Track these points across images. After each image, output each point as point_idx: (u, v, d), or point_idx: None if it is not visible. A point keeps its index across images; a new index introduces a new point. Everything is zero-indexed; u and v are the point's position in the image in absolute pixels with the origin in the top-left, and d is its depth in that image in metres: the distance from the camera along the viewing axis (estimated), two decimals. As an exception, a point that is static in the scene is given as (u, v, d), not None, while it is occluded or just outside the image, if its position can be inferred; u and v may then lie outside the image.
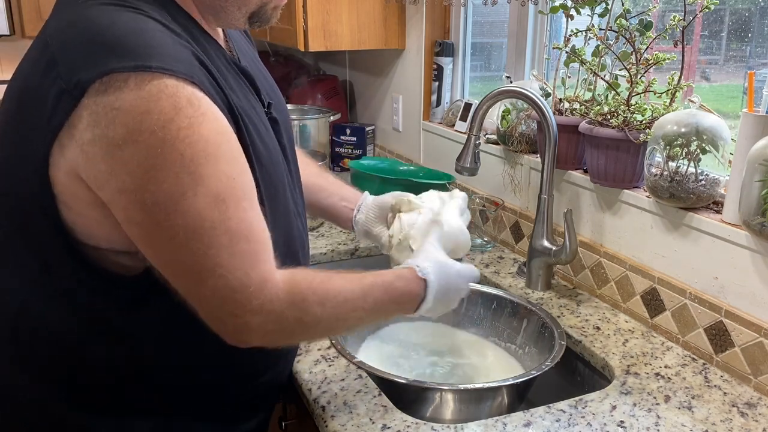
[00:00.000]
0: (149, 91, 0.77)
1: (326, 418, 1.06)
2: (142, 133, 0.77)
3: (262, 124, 0.97)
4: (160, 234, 0.82)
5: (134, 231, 0.84)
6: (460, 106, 1.97)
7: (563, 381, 1.34)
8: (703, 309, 1.23)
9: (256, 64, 1.09)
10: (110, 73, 0.77)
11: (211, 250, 0.82)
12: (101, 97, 0.78)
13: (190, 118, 0.79)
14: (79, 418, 0.96)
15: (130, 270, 0.90)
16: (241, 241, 0.84)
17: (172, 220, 0.80)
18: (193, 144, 0.79)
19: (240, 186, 0.85)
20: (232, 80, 0.93)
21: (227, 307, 0.85)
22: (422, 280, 1.02)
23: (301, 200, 1.12)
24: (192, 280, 0.85)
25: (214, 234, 0.82)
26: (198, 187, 0.80)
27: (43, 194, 0.85)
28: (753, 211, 1.09)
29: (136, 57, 0.78)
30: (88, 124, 0.78)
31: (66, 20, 0.87)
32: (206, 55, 0.89)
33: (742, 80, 1.34)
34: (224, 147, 0.83)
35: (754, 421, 1.07)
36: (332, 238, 1.80)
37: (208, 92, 0.83)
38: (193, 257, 0.82)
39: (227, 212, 0.82)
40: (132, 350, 0.94)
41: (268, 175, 0.96)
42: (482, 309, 1.44)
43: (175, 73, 0.79)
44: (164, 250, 0.84)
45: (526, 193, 1.67)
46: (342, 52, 2.66)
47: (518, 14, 1.77)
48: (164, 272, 0.86)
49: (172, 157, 0.78)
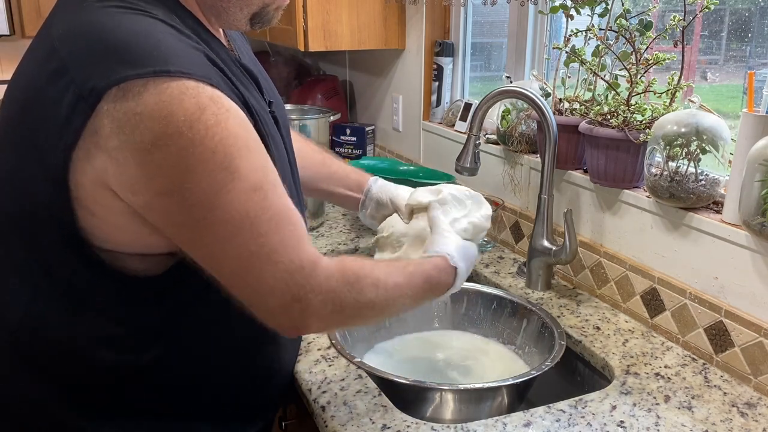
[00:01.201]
0: (170, 94, 0.77)
1: (326, 418, 1.06)
2: (170, 136, 0.77)
3: (269, 120, 0.98)
4: (206, 232, 0.82)
5: (178, 233, 0.84)
6: (460, 106, 1.97)
7: (563, 381, 1.34)
8: (703, 309, 1.23)
9: (254, 63, 1.10)
10: (127, 80, 0.77)
11: (261, 238, 0.83)
12: (120, 103, 0.77)
13: (216, 115, 0.79)
14: (79, 419, 0.96)
15: (139, 274, 0.90)
16: (287, 224, 0.86)
17: (216, 217, 0.81)
18: (223, 140, 0.80)
19: (272, 173, 0.86)
20: (241, 78, 0.94)
21: (291, 291, 0.86)
22: (453, 268, 1.06)
23: (301, 195, 1.13)
24: (249, 273, 0.85)
25: (259, 222, 0.83)
26: (234, 181, 0.81)
27: (55, 200, 0.84)
28: (753, 211, 1.09)
29: (154, 62, 0.78)
30: (112, 131, 0.78)
31: (73, 24, 0.86)
32: (216, 55, 0.89)
33: (742, 80, 1.34)
34: (251, 140, 0.84)
35: (754, 421, 1.07)
36: (332, 238, 1.80)
37: (225, 92, 0.84)
38: (244, 250, 0.83)
39: (267, 200, 0.84)
40: (134, 352, 0.94)
41: (279, 169, 0.96)
42: (482, 309, 1.44)
43: (193, 75, 0.80)
44: (213, 248, 0.84)
45: (526, 193, 1.67)
46: (342, 52, 2.66)
47: (518, 14, 1.77)
48: (217, 273, 0.86)
49: (205, 156, 0.79)
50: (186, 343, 0.95)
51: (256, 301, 0.87)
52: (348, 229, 1.87)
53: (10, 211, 0.90)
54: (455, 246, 1.09)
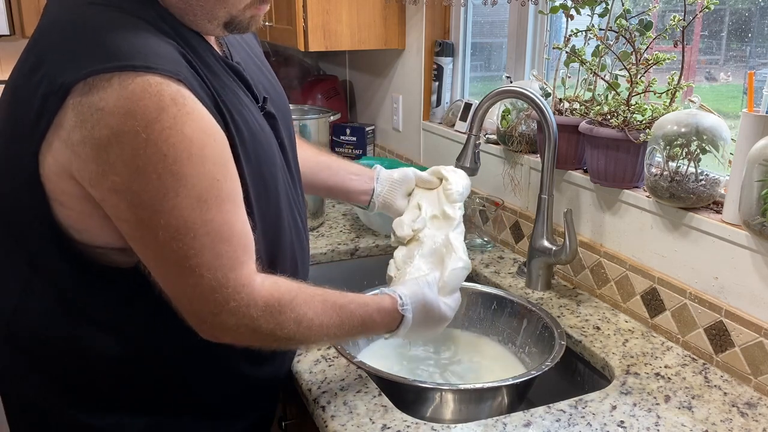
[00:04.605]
0: (133, 91, 0.78)
1: (326, 418, 1.06)
2: (126, 134, 0.78)
3: (254, 118, 0.96)
4: (146, 232, 0.83)
5: (123, 228, 0.85)
6: (460, 106, 1.97)
7: (563, 381, 1.34)
8: (703, 309, 1.23)
9: (253, 59, 1.09)
10: (94, 74, 0.78)
11: (192, 250, 0.84)
12: (86, 97, 0.78)
13: (174, 117, 0.79)
14: (73, 414, 0.97)
15: (121, 266, 0.91)
16: (223, 242, 0.85)
17: (157, 220, 0.82)
18: (176, 144, 0.79)
19: (224, 188, 0.85)
20: (221, 76, 0.92)
21: (208, 306, 0.87)
22: (400, 314, 1.05)
23: (301, 194, 1.12)
24: (173, 277, 0.87)
25: (196, 234, 0.83)
26: (180, 187, 0.81)
27: (32, 193, 0.86)
28: (753, 211, 1.09)
29: (120, 56, 0.79)
30: (75, 125, 0.79)
31: (53, 20, 0.88)
32: (194, 53, 0.89)
33: (742, 80, 1.34)
34: (209, 148, 0.83)
35: (754, 421, 1.07)
36: (332, 238, 1.80)
37: (194, 90, 0.83)
38: (175, 255, 0.84)
39: (209, 213, 0.84)
40: (124, 346, 0.95)
41: (259, 171, 0.96)
42: (482, 309, 1.44)
43: (159, 70, 0.79)
44: (149, 247, 0.85)
45: (526, 193, 1.67)
46: (342, 52, 2.66)
47: (518, 14, 1.77)
48: (149, 267, 0.88)
49: (156, 158, 0.79)
50: (173, 336, 0.95)
51: (176, 303, 0.89)
52: (348, 229, 1.87)
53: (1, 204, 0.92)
54: (415, 291, 1.07)
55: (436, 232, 1.22)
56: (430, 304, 1.08)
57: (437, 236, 1.21)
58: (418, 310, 1.07)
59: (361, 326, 1.02)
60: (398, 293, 1.06)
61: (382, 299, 1.05)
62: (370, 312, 1.02)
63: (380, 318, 1.04)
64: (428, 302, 1.08)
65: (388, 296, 1.06)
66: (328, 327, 0.97)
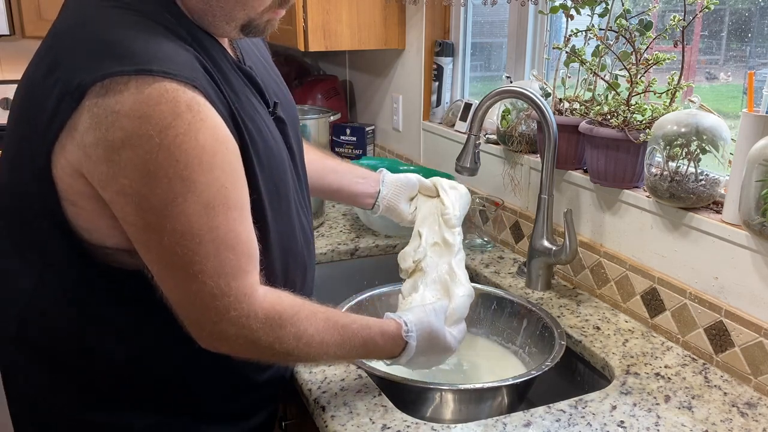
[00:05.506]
0: (149, 95, 0.78)
1: (326, 418, 1.06)
2: (140, 137, 0.78)
3: (266, 125, 0.97)
4: (152, 236, 0.83)
5: (129, 230, 0.85)
6: (460, 106, 1.97)
7: (563, 381, 1.34)
8: (703, 309, 1.23)
9: (263, 63, 1.09)
10: (111, 76, 0.78)
11: (197, 256, 0.84)
12: (102, 99, 0.78)
13: (189, 124, 0.79)
14: (80, 412, 0.97)
15: (128, 268, 0.91)
16: (227, 250, 0.85)
17: (163, 224, 0.82)
18: (188, 150, 0.80)
19: (232, 196, 0.85)
20: (234, 82, 0.93)
21: (209, 314, 0.87)
22: (404, 341, 1.04)
23: (308, 199, 1.13)
24: (176, 282, 0.86)
25: (201, 240, 0.83)
26: (189, 193, 0.81)
27: (45, 193, 0.86)
28: (753, 211, 1.09)
29: (138, 61, 0.79)
30: (89, 127, 0.79)
31: (71, 22, 0.88)
32: (209, 58, 0.89)
33: (742, 80, 1.34)
34: (220, 156, 0.83)
35: (754, 421, 1.07)
36: (332, 238, 1.80)
37: (210, 98, 0.83)
38: (179, 261, 0.84)
39: (215, 220, 0.83)
40: (131, 346, 0.95)
41: (271, 178, 0.96)
42: (482, 309, 1.44)
43: (176, 77, 0.80)
44: (154, 251, 0.85)
45: (526, 193, 1.67)
46: (342, 52, 2.66)
47: (518, 14, 1.77)
48: (152, 271, 0.88)
49: (167, 163, 0.79)
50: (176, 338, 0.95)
51: (178, 309, 0.89)
52: (348, 229, 1.87)
53: (14, 204, 0.92)
54: (421, 319, 1.06)
55: (438, 260, 1.23)
56: (435, 333, 1.07)
57: (440, 265, 1.22)
58: (423, 338, 1.05)
59: (363, 348, 1.01)
60: (404, 319, 1.05)
61: (386, 323, 1.04)
62: (373, 335, 1.01)
63: (383, 342, 1.02)
64: (434, 330, 1.07)
65: (393, 321, 1.05)
66: (329, 345, 0.96)
